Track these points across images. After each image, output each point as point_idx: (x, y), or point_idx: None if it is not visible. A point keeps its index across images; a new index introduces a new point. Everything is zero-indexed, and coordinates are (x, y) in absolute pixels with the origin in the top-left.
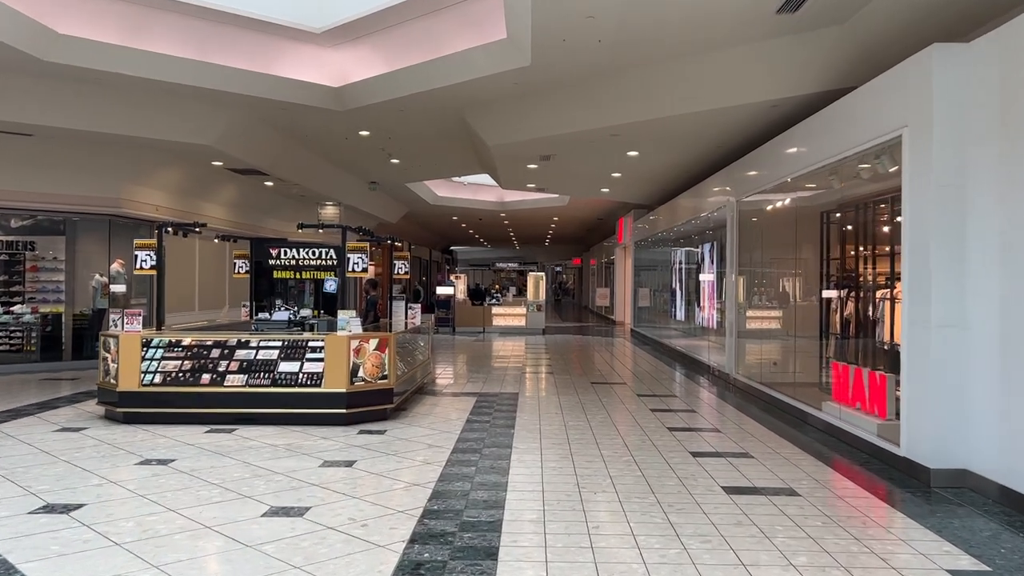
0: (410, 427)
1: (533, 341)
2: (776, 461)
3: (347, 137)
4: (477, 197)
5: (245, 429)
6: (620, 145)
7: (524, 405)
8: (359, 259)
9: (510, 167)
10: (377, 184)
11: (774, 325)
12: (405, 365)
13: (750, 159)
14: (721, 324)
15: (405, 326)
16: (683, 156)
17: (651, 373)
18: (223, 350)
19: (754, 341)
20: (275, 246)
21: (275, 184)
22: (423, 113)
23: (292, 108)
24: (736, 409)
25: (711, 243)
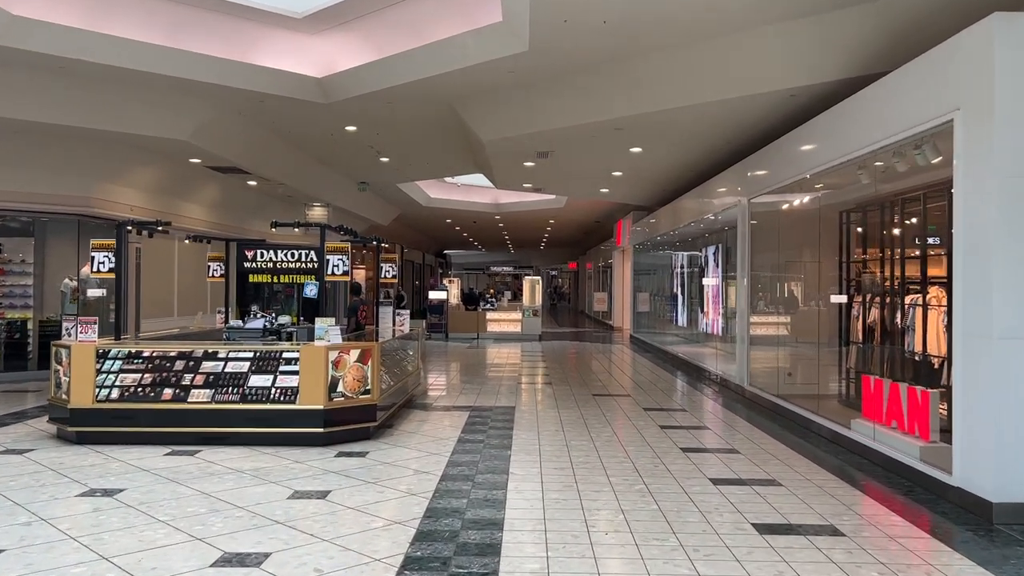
0: (395, 448)
1: (529, 348)
2: (808, 490)
3: (333, 133)
4: (471, 199)
5: (210, 451)
6: (623, 140)
7: (521, 420)
8: (340, 261)
9: (506, 165)
10: (367, 184)
11: (788, 332)
12: (392, 377)
13: (764, 155)
14: (727, 330)
15: (393, 334)
16: (689, 153)
17: (655, 383)
18: (188, 362)
19: (767, 350)
20: (250, 247)
21: (259, 184)
22: (413, 106)
23: (272, 100)
24: (752, 425)
25: (715, 246)
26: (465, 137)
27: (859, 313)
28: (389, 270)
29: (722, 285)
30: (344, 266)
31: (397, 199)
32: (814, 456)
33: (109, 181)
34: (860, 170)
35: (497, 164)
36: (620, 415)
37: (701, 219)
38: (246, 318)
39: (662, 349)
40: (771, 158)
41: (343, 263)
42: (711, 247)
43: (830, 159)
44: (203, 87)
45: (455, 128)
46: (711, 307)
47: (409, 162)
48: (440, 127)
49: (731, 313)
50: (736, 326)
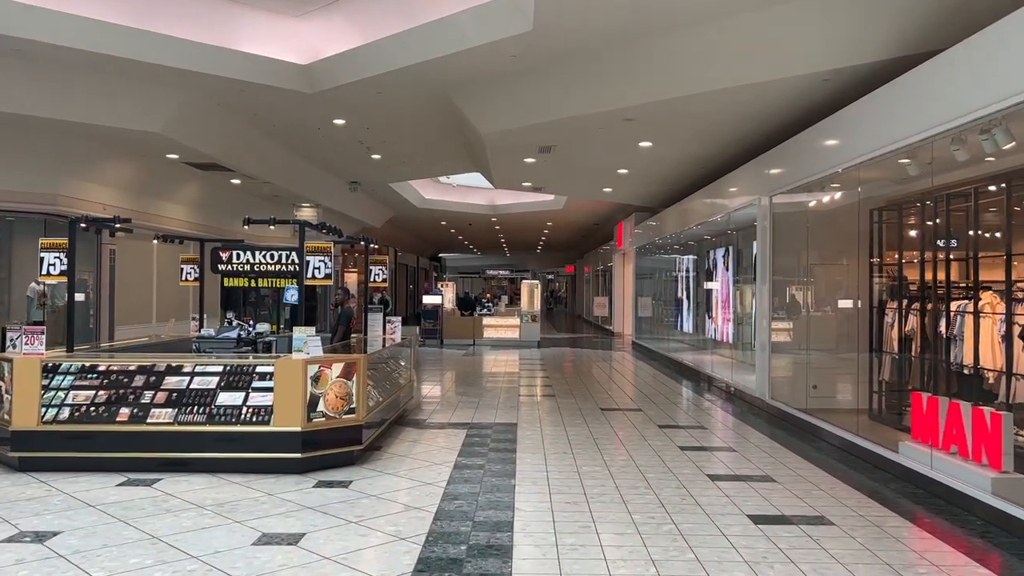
0: (383, 476)
1: (528, 355)
2: (867, 531)
3: (320, 127)
4: (467, 200)
5: (171, 479)
6: (633, 134)
7: (525, 440)
8: (321, 263)
9: (505, 162)
10: (358, 184)
11: (812, 341)
12: (381, 392)
13: (788, 148)
14: (738, 337)
15: (383, 343)
16: (702, 149)
17: (665, 395)
18: (149, 377)
19: (789, 359)
20: (225, 248)
21: (243, 183)
22: (406, 96)
23: (253, 90)
24: (780, 445)
25: (725, 248)
26: (462, 132)
27: (894, 320)
28: (379, 273)
29: (732, 289)
30: (326, 268)
31: (390, 200)
32: (860, 485)
33: (78, 178)
34: (909, 160)
35: (496, 161)
36: (633, 433)
37: (711, 220)
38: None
39: (667, 356)
40: (797, 151)
41: (325, 265)
42: (719, 250)
43: (871, 150)
44: (176, 74)
45: (451, 122)
46: (719, 313)
47: (402, 160)
48: (435, 121)
49: (742, 319)
50: (755, 333)
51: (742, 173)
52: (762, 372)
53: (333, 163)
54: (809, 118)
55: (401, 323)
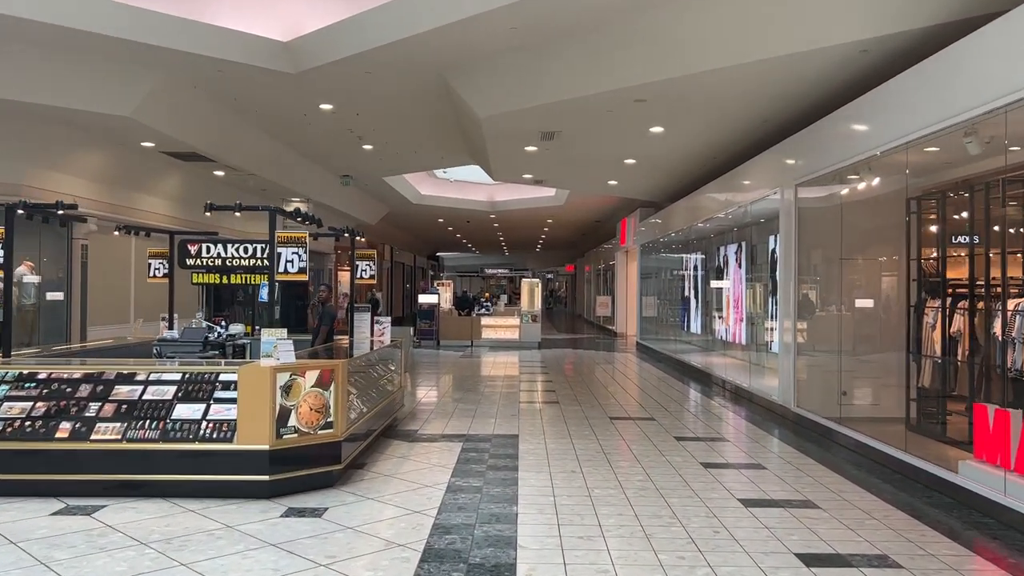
0: (364, 501)
1: (528, 357)
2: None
3: (306, 113)
4: (465, 196)
5: (117, 506)
6: (643, 117)
7: (527, 456)
8: (295, 255)
9: (504, 150)
10: (351, 178)
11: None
12: (366, 401)
13: (818, 131)
14: (752, 339)
15: (371, 345)
16: (719, 134)
17: (678, 401)
18: (96, 386)
19: (815, 363)
20: (193, 241)
21: (226, 175)
22: (396, 76)
23: (231, 70)
24: (815, 461)
25: (737, 244)
26: (458, 119)
27: (936, 320)
28: (367, 269)
29: (745, 288)
30: (301, 261)
31: (385, 196)
32: (918, 512)
33: (46, 167)
34: (968, 136)
35: (495, 149)
36: (648, 447)
37: (725, 214)
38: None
39: (674, 358)
40: (828, 134)
41: (300, 258)
42: (731, 246)
43: (921, 127)
44: (145, 51)
45: (447, 107)
46: (731, 312)
47: (395, 151)
48: (429, 106)
49: (756, 319)
50: (777, 335)
51: (762, 162)
52: (786, 377)
53: (323, 154)
54: (840, 97)
55: (394, 323)
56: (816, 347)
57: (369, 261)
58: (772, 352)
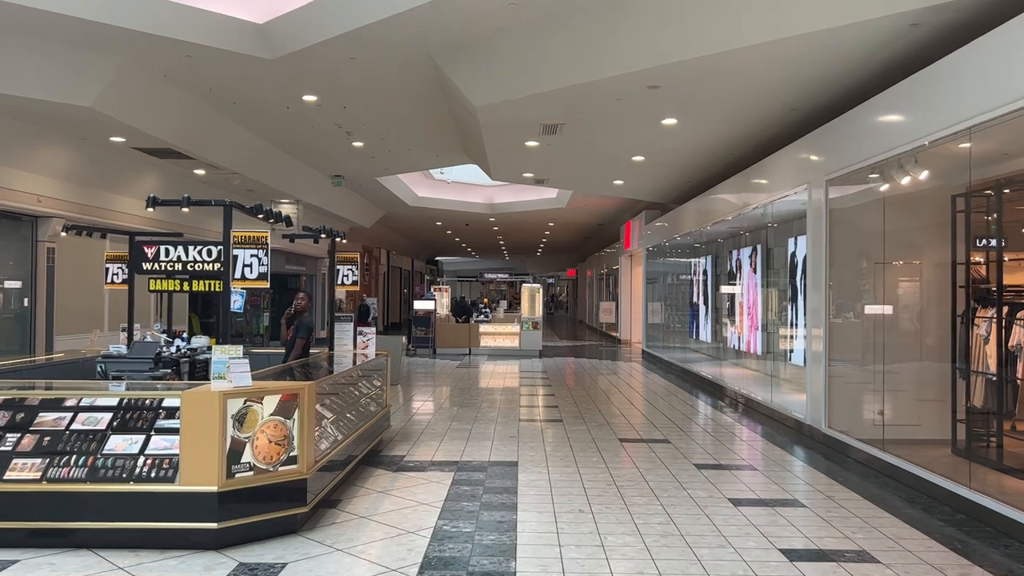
0: (331, 554)
1: (529, 367)
2: None
3: (289, 106)
4: (463, 198)
5: (31, 561)
6: (657, 106)
7: (528, 491)
8: (255, 258)
9: (503, 146)
10: (342, 178)
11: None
12: (344, 427)
13: (855, 119)
14: (767, 348)
15: (354, 360)
16: (738, 125)
17: (692, 418)
18: (15, 414)
19: (850, 378)
20: (152, 242)
21: (208, 174)
22: (383, 63)
23: (202, 56)
24: (857, 494)
25: (752, 247)
26: (452, 112)
27: (989, 332)
28: (348, 274)
29: (760, 293)
30: (261, 265)
31: (380, 198)
32: (1005, 570)
33: (5, 165)
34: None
35: (492, 145)
36: (666, 477)
37: (740, 214)
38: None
39: (683, 368)
40: (867, 122)
41: (260, 261)
42: (745, 249)
43: (986, 110)
44: (105, 34)
45: (440, 99)
46: (744, 320)
47: (387, 148)
48: (421, 97)
49: (772, 326)
50: (804, 346)
51: (786, 156)
52: (816, 394)
53: (312, 153)
54: (881, 81)
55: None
56: (848, 360)
57: (352, 265)
58: (792, 363)
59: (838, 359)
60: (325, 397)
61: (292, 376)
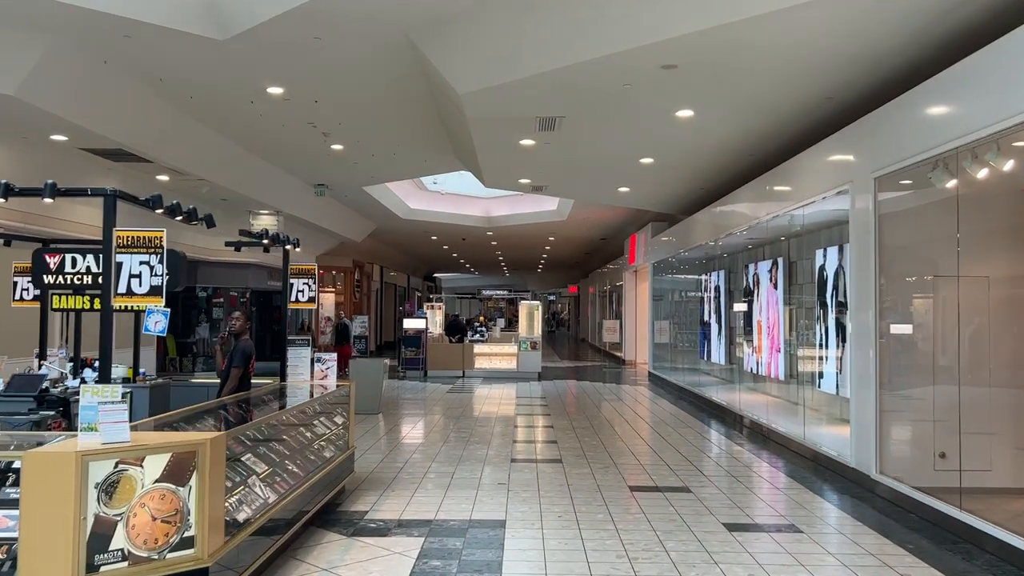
0: None
1: (527, 392)
2: None
3: (253, 100)
4: (459, 211)
5: None
6: (671, 93)
7: (517, 568)
8: (144, 266)
9: (495, 146)
10: (325, 188)
11: (940, 386)
12: (282, 483)
13: (914, 103)
14: (790, 373)
15: (311, 392)
16: (763, 117)
17: (713, 458)
18: None
19: (904, 412)
20: (56, 251)
21: (172, 180)
22: (354, 43)
23: (142, 35)
24: (937, 571)
25: (772, 260)
26: (438, 107)
27: None
28: (304, 289)
29: (782, 311)
30: (154, 277)
31: (370, 210)
32: None
33: None
34: None
35: (483, 145)
36: (690, 544)
37: (761, 222)
38: (16, 373)
39: (695, 393)
40: (927, 106)
41: (152, 271)
42: (764, 263)
43: None
44: (26, 7)
45: (421, 89)
46: (764, 340)
47: (370, 152)
48: (402, 89)
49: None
50: (850, 376)
51: (820, 154)
52: (864, 431)
53: (289, 158)
54: (937, 60)
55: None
56: (900, 391)
57: (308, 279)
58: (822, 390)
59: (889, 391)
60: (259, 445)
61: (216, 418)
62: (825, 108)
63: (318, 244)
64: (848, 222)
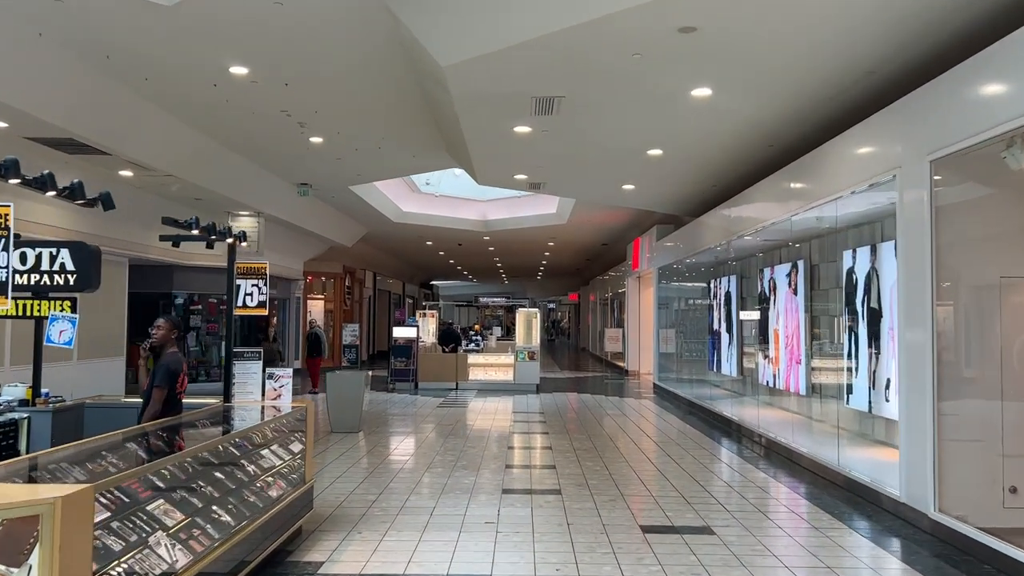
0: None
1: (524, 406)
2: None
3: (216, 83)
4: (454, 214)
5: None
6: (688, 65)
7: None
8: None
9: (486, 133)
10: (309, 187)
11: (1002, 404)
12: (203, 539)
13: (985, 66)
14: (810, 387)
15: (262, 414)
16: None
17: (733, 486)
18: None
19: (967, 439)
20: None
21: (136, 175)
22: (319, 11)
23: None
24: None
25: (791, 264)
26: (425, 91)
27: None
28: (253, 292)
29: (803, 319)
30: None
31: (360, 212)
32: None
33: None
34: None
35: (473, 133)
36: None
37: (781, 221)
38: None
39: (705, 408)
40: (1003, 66)
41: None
42: (782, 267)
43: None
44: None
45: (406, 72)
46: (782, 351)
47: (353, 145)
48: (381, 68)
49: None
50: (898, 396)
51: (859, 137)
52: (917, 461)
53: (265, 152)
54: (1009, 16)
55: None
56: (958, 413)
57: (258, 279)
58: (851, 407)
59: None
60: (177, 487)
61: (120, 454)
62: (863, 86)
63: (305, 249)
64: (891, 217)
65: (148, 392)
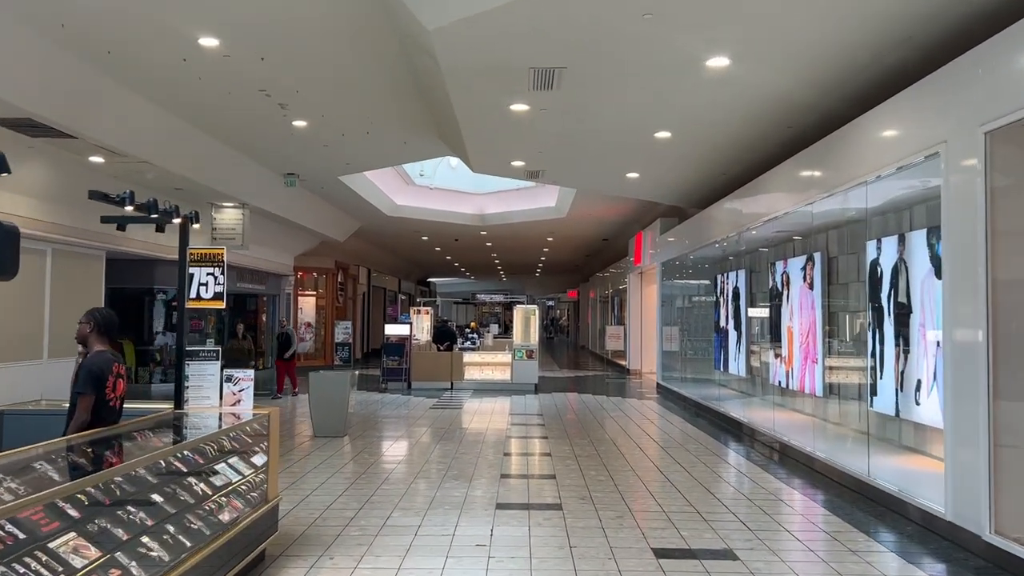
0: None
1: (521, 407)
2: None
3: (185, 58)
4: (450, 208)
5: None
6: (706, 28)
7: None
8: None
9: (480, 113)
10: (296, 177)
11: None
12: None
13: None
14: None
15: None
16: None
17: (757, 503)
18: None
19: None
20: None
21: (108, 162)
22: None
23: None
24: None
25: (807, 256)
26: (413, 66)
27: None
28: (208, 281)
29: (820, 315)
30: None
31: (352, 205)
32: None
33: None
34: None
35: (466, 113)
36: None
37: (800, 208)
38: None
39: (712, 409)
40: None
41: None
42: (796, 260)
43: None
44: None
45: (392, 44)
46: (796, 350)
47: (339, 130)
48: (363, 37)
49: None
50: (942, 402)
51: (896, 108)
52: (967, 476)
53: (245, 137)
54: None
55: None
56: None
57: (213, 267)
58: (876, 410)
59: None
60: (91, 520)
61: (22, 476)
62: (898, 55)
63: (294, 243)
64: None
65: (73, 398)
